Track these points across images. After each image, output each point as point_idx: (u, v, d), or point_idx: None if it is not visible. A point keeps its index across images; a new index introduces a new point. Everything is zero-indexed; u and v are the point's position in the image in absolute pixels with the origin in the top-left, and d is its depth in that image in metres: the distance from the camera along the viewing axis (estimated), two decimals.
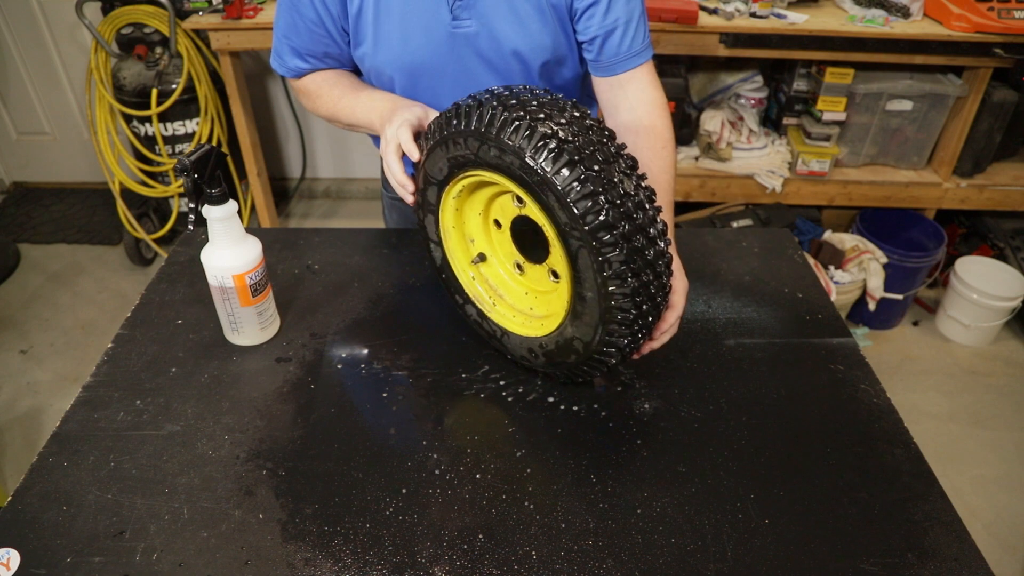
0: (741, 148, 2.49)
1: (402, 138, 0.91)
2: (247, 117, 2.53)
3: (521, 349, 0.94)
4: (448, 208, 0.93)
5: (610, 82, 1.07)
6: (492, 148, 0.77)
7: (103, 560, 0.74)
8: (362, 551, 0.76)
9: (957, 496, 1.96)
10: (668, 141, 1.03)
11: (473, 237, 0.97)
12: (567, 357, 0.88)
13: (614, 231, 0.72)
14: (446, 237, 0.97)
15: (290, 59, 1.10)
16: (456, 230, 0.96)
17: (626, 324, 0.78)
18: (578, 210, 0.72)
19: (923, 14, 2.25)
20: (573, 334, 0.85)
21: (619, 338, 0.80)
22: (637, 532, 0.78)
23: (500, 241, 0.97)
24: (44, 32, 2.93)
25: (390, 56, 1.05)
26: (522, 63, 1.06)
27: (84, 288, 2.76)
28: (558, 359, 0.89)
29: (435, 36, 1.03)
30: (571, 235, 0.75)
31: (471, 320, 1.00)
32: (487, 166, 0.81)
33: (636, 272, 0.75)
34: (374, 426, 0.91)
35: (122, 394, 0.94)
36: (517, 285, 0.98)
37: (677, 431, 0.90)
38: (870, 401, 0.95)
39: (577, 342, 0.85)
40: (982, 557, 0.76)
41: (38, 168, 3.35)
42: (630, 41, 1.03)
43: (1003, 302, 2.40)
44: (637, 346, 0.84)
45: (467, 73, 1.07)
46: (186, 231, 1.27)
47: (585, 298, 0.79)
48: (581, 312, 0.81)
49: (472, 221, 0.96)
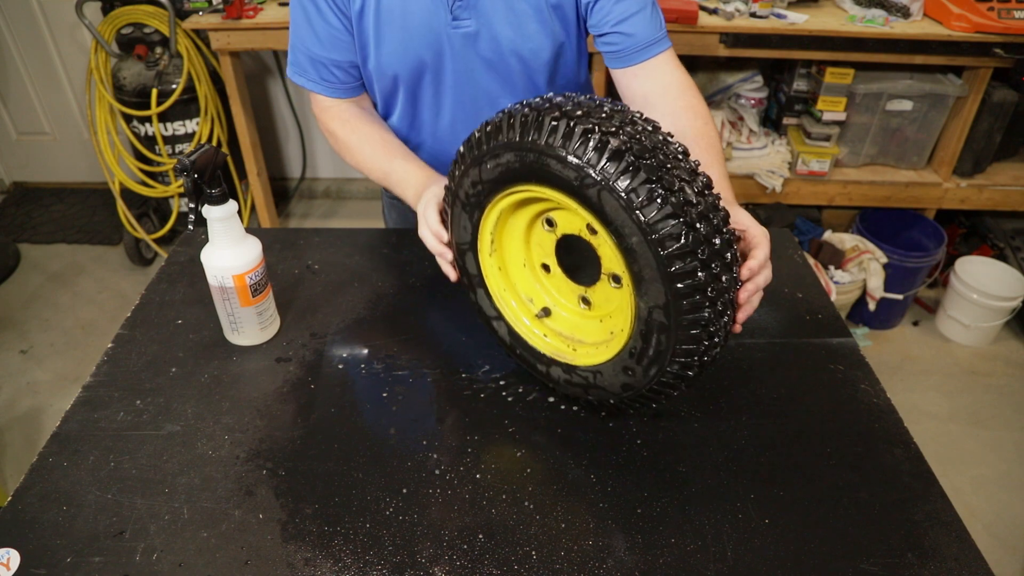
0: (741, 148, 2.49)
1: (428, 219, 0.93)
2: (247, 117, 2.53)
3: (535, 360, 0.91)
4: (491, 270, 0.91)
5: (634, 72, 1.05)
6: (605, 196, 0.70)
7: (103, 560, 0.74)
8: (362, 551, 0.76)
9: (957, 496, 1.96)
10: (708, 117, 1.01)
11: (531, 296, 0.94)
12: (585, 391, 0.85)
13: (673, 220, 0.66)
14: (502, 303, 0.93)
15: (314, 70, 1.09)
16: (508, 291, 0.93)
17: (695, 334, 0.71)
18: (644, 216, 0.67)
19: (923, 14, 2.25)
20: (605, 383, 0.82)
21: (693, 344, 0.73)
22: (637, 532, 0.78)
23: (555, 285, 0.93)
24: (44, 32, 2.93)
25: (391, 58, 1.05)
26: (522, 63, 1.06)
27: (84, 288, 2.76)
28: (574, 389, 0.87)
29: (435, 36, 1.03)
30: (652, 307, 0.71)
31: (560, 383, 0.91)
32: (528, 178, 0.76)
33: (706, 264, 0.68)
34: (374, 426, 0.91)
35: (122, 394, 0.94)
36: (589, 321, 0.91)
37: (677, 431, 0.90)
38: (870, 401, 0.95)
39: (606, 390, 0.82)
40: (982, 557, 0.76)
41: (38, 168, 3.35)
42: (646, 28, 1.02)
43: (1003, 302, 2.40)
44: (711, 356, 0.77)
45: (467, 73, 1.07)
46: (186, 231, 1.27)
47: (652, 309, 0.73)
48: (630, 373, 0.78)
49: (520, 275, 0.93)
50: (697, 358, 0.74)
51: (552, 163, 0.72)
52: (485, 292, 0.94)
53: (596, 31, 1.05)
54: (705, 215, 0.69)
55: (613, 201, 0.68)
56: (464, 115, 1.13)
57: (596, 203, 0.70)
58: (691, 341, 0.72)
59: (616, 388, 0.83)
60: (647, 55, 1.03)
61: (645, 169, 0.67)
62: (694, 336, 0.72)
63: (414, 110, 1.14)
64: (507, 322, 0.94)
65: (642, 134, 0.70)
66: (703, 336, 0.72)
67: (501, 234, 0.90)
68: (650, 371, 0.78)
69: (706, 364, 0.76)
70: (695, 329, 0.71)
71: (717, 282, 0.70)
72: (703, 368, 0.77)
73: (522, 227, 0.89)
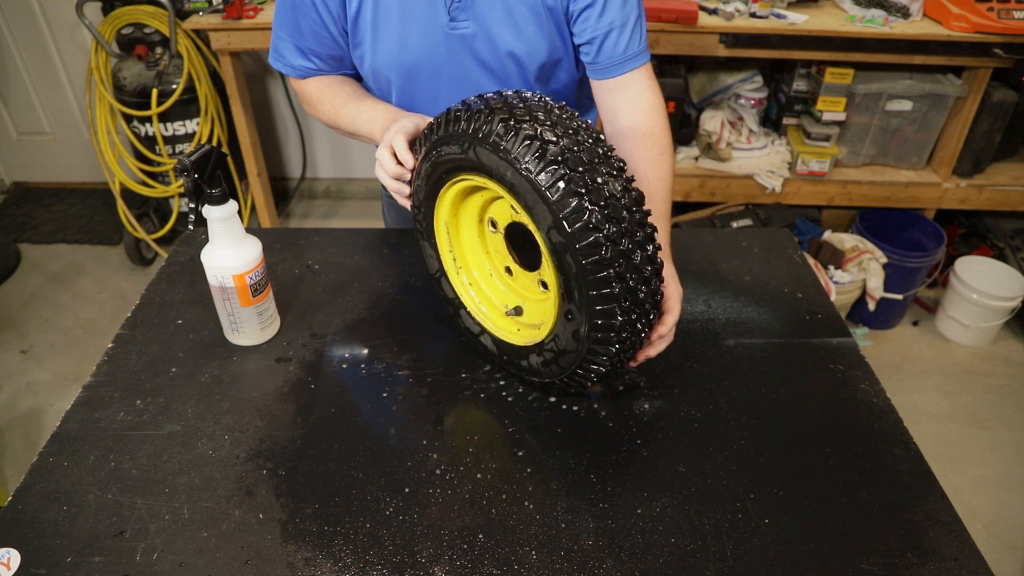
0: (741, 148, 2.49)
1: (396, 144, 0.92)
2: (247, 117, 2.53)
3: (517, 359, 0.94)
4: (442, 212, 0.93)
5: (607, 85, 1.06)
6: (480, 150, 0.77)
7: (103, 560, 0.74)
8: (362, 551, 0.76)
9: (957, 496, 1.96)
10: (666, 147, 1.03)
11: (505, 302, 0.97)
12: (559, 366, 0.87)
13: (598, 233, 0.71)
14: (480, 315, 0.97)
15: (294, 57, 1.10)
16: (484, 302, 0.97)
17: (613, 331, 0.77)
18: (561, 211, 0.72)
19: (923, 14, 2.25)
20: (563, 343, 0.84)
21: (608, 346, 0.78)
22: (637, 532, 0.78)
23: (521, 283, 0.96)
24: (44, 32, 2.93)
25: (388, 57, 1.05)
26: (518, 65, 1.07)
27: (84, 288, 2.76)
28: (551, 368, 0.88)
29: (432, 37, 1.03)
30: (556, 239, 0.74)
31: (467, 334, 0.99)
32: (476, 170, 0.81)
33: (622, 276, 0.73)
34: (374, 426, 0.91)
35: (122, 394, 0.94)
36: (508, 290, 0.97)
37: (677, 431, 0.90)
38: (870, 401, 0.95)
39: (568, 352, 0.84)
40: (982, 557, 0.76)
41: (38, 168, 3.35)
42: (626, 44, 1.02)
43: (1003, 302, 2.40)
44: (629, 355, 0.83)
45: (464, 74, 1.07)
46: (186, 231, 1.27)
47: (572, 305, 0.78)
48: (570, 319, 0.80)
49: (492, 285, 0.97)
50: (610, 352, 0.80)
51: (483, 151, 0.77)
52: (465, 311, 0.98)
53: (577, 40, 1.06)
54: (630, 231, 0.74)
55: (523, 182, 0.74)
56: None
57: (510, 182, 0.76)
58: (604, 341, 0.79)
59: (574, 344, 0.86)
60: (619, 71, 1.04)
61: (575, 181, 0.72)
62: (608, 336, 0.78)
63: (409, 111, 1.14)
64: (489, 332, 0.96)
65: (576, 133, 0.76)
66: (615, 337, 0.78)
67: (461, 249, 0.97)
68: (541, 375, 0.89)
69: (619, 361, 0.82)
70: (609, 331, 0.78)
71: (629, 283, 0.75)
72: (617, 364, 0.82)
73: (475, 235, 0.95)
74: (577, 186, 0.71)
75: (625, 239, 0.73)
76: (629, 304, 0.76)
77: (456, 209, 0.94)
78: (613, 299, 0.74)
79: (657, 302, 0.80)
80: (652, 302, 0.79)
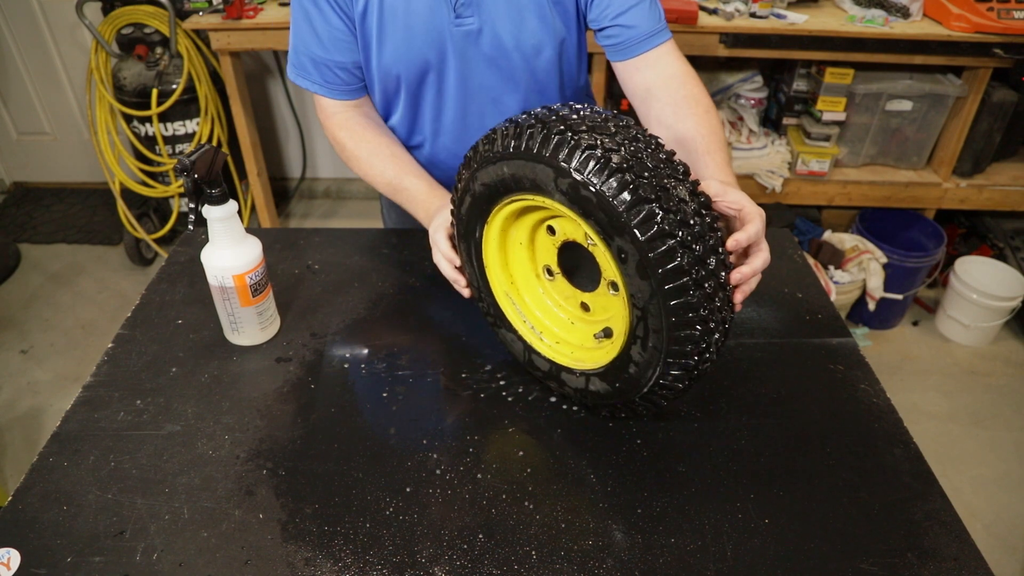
0: (741, 148, 2.49)
1: (440, 246, 0.95)
2: (247, 117, 2.53)
3: (577, 381, 0.89)
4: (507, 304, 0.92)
5: (637, 64, 1.05)
6: (535, 167, 0.73)
7: (103, 560, 0.74)
8: (362, 551, 0.76)
9: (957, 496, 1.96)
10: (710, 107, 1.01)
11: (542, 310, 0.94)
12: (633, 386, 0.82)
13: (672, 239, 0.67)
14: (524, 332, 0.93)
15: (314, 70, 1.09)
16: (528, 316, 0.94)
17: (692, 342, 0.72)
18: (632, 220, 0.67)
19: (923, 14, 2.25)
20: (635, 357, 0.78)
21: (686, 359, 0.73)
22: (637, 532, 0.78)
23: (558, 288, 0.94)
24: (44, 32, 2.93)
25: (395, 56, 1.05)
26: (524, 59, 1.07)
27: (84, 288, 2.76)
28: (619, 388, 0.84)
29: (438, 34, 1.03)
30: (625, 249, 0.70)
31: (568, 391, 0.92)
32: (528, 189, 0.77)
33: (699, 283, 0.69)
34: (374, 426, 0.91)
35: (122, 394, 0.94)
36: (587, 326, 0.92)
37: (677, 431, 0.90)
38: (870, 401, 0.95)
39: (639, 368, 0.79)
40: (982, 557, 0.76)
41: (38, 168, 3.35)
42: (647, 18, 1.02)
43: (1003, 302, 2.40)
44: (704, 369, 0.77)
45: (471, 70, 1.07)
46: (186, 231, 1.27)
47: (647, 317, 0.74)
48: (642, 335, 0.75)
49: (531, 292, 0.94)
50: (688, 365, 0.74)
51: (551, 174, 0.73)
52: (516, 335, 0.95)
53: (596, 25, 1.06)
54: (701, 235, 0.70)
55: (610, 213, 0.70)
56: (466, 113, 1.13)
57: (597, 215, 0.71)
58: (681, 355, 0.73)
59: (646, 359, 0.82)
60: (647, 46, 1.03)
61: (643, 188, 0.68)
62: (685, 349, 0.73)
63: (416, 109, 1.14)
64: (542, 354, 0.92)
65: (643, 151, 0.71)
66: (693, 349, 0.73)
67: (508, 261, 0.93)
68: (645, 374, 0.79)
69: (696, 376, 0.77)
70: (688, 344, 0.72)
71: (707, 289, 0.70)
72: (694, 377, 0.77)
73: (526, 239, 0.91)
74: (646, 192, 0.67)
75: (698, 244, 0.69)
76: (707, 313, 0.71)
77: (503, 242, 0.90)
78: (691, 309, 0.70)
79: (730, 307, 0.75)
80: (728, 308, 0.74)
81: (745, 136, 2.51)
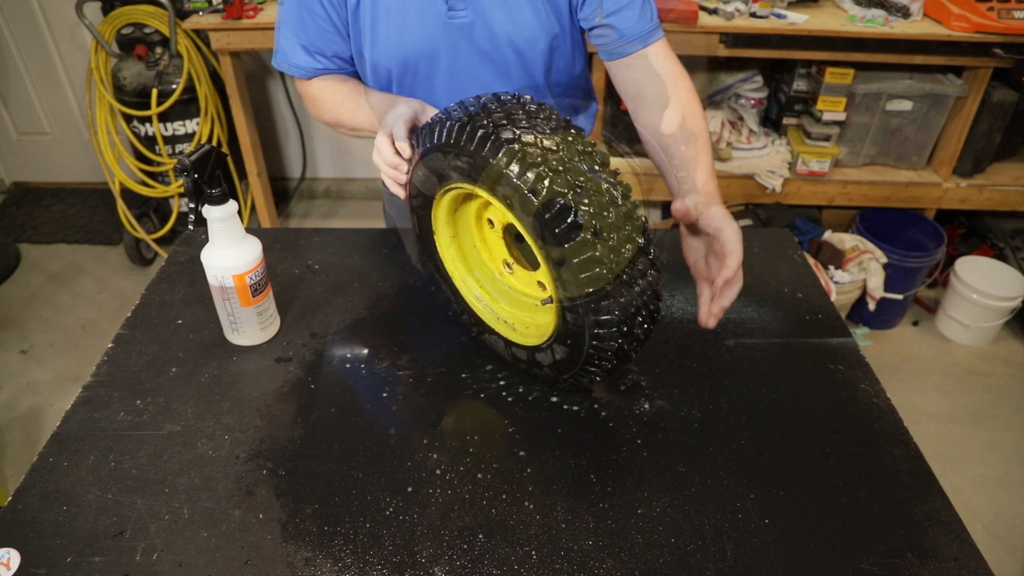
0: (741, 148, 2.49)
1: (396, 132, 0.90)
2: (247, 117, 2.53)
3: (527, 356, 0.93)
4: (441, 219, 0.93)
5: (628, 63, 1.05)
6: (460, 158, 0.78)
7: (103, 560, 0.74)
8: (362, 551, 0.76)
9: (957, 496, 1.96)
10: (696, 108, 1.01)
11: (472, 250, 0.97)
12: (569, 362, 0.86)
13: (586, 232, 0.71)
14: (445, 251, 0.97)
15: (298, 56, 1.09)
16: (454, 241, 0.97)
17: (614, 326, 0.77)
18: (547, 211, 0.71)
19: (923, 14, 2.25)
20: (566, 342, 0.83)
21: (609, 341, 0.78)
22: (637, 532, 0.78)
23: (492, 240, 0.96)
24: (44, 32, 2.93)
25: (387, 48, 1.05)
26: (517, 54, 1.07)
27: (84, 288, 2.76)
28: (559, 365, 0.88)
29: (431, 27, 1.03)
30: (545, 238, 0.74)
31: (480, 337, 1.00)
32: (461, 177, 0.81)
33: (613, 270, 0.73)
34: (374, 426, 0.91)
35: (122, 394, 0.94)
36: (512, 288, 0.97)
37: (677, 431, 0.90)
38: (870, 401, 0.95)
39: (569, 347, 0.83)
40: (982, 557, 0.76)
41: (38, 168, 3.35)
42: (638, 17, 1.02)
43: (1003, 302, 2.40)
44: (634, 347, 0.83)
45: (463, 64, 1.07)
46: (186, 231, 1.27)
47: (569, 302, 0.78)
48: (570, 318, 0.80)
49: (466, 231, 0.97)
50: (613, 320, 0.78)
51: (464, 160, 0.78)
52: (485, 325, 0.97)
53: (587, 24, 1.05)
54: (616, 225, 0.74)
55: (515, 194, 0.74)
56: None
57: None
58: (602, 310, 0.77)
59: (524, 364, 0.92)
60: (639, 46, 1.03)
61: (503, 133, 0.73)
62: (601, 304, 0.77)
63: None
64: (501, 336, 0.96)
65: None
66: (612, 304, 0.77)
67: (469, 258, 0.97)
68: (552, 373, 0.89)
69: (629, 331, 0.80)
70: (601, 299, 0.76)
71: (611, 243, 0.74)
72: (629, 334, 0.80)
73: (475, 240, 0.95)
74: (560, 186, 0.71)
75: (613, 234, 0.73)
76: (625, 300, 0.75)
77: (452, 217, 0.93)
78: (607, 293, 0.74)
79: (657, 293, 0.80)
80: (651, 294, 0.78)
81: (745, 136, 2.51)
